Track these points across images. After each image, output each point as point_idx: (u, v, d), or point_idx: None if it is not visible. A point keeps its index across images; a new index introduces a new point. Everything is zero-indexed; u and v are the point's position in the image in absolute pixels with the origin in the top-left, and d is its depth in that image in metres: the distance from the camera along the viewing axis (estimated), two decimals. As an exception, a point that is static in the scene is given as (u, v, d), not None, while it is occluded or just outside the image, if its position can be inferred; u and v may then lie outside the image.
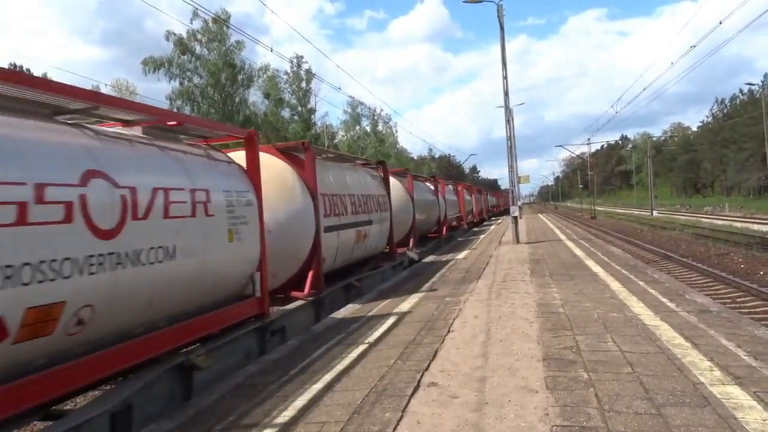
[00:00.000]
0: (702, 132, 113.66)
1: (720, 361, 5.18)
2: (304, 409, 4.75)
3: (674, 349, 5.64)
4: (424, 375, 5.42)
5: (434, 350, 6.31)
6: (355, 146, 64.11)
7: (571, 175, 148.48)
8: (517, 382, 5.02)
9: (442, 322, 7.84)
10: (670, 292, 8.88)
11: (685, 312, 7.36)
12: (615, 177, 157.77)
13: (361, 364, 6.01)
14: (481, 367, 5.55)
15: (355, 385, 5.27)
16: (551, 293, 9.51)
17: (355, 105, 64.93)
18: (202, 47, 44.63)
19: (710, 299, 9.20)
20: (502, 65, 21.54)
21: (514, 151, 25.44)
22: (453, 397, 4.76)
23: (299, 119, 54.96)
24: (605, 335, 6.40)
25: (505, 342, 6.45)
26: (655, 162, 79.68)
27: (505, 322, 7.48)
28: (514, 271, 13.03)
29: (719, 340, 5.92)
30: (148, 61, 42.98)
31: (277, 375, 5.85)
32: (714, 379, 4.72)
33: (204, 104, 45.03)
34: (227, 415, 4.79)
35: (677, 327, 6.55)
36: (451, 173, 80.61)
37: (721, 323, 6.69)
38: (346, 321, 8.60)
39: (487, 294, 9.94)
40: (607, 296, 8.87)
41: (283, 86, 54.00)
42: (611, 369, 5.15)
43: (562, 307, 8.19)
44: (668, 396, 4.39)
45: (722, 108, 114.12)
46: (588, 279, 10.90)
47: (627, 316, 7.35)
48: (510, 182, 24.37)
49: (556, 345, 6.13)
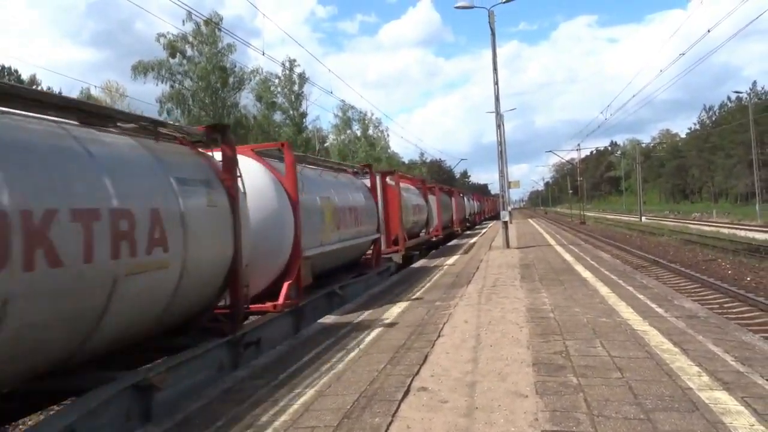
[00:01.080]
0: (690, 139, 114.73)
1: (708, 366, 5.22)
2: (294, 413, 4.72)
3: (663, 355, 5.67)
4: (414, 380, 5.41)
5: (424, 355, 6.30)
6: (345, 150, 64.10)
7: (561, 181, 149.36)
8: (507, 387, 5.02)
9: (432, 326, 7.83)
10: (659, 298, 8.94)
11: (673, 317, 7.41)
12: (604, 183, 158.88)
13: (351, 368, 5.99)
14: (471, 372, 5.55)
15: (345, 390, 5.25)
16: (541, 298, 9.54)
17: (345, 109, 65.01)
18: (193, 50, 44.53)
19: (698, 305, 9.26)
20: (493, 70, 21.65)
21: (505, 156, 25.55)
22: (443, 402, 4.75)
23: (290, 123, 54.89)
24: (594, 340, 6.42)
25: (495, 347, 6.46)
26: (643, 168, 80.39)
27: (495, 327, 7.49)
28: (504, 276, 13.05)
29: (707, 345, 5.96)
30: (138, 66, 42.81)
31: (267, 379, 5.82)
32: (702, 384, 4.75)
33: (195, 107, 44.88)
34: (216, 419, 4.75)
35: (666, 332, 6.58)
36: (442, 178, 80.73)
37: (709, 329, 6.74)
38: (335, 326, 8.57)
39: (478, 299, 9.95)
40: (597, 301, 8.91)
41: (275, 89, 53.96)
42: (600, 374, 5.17)
43: (552, 312, 8.21)
44: (657, 401, 4.41)
45: (710, 115, 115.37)
46: (577, 284, 10.94)
47: (616, 321, 7.38)
48: (500, 187, 24.45)
49: (545, 350, 6.14)
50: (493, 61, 21.62)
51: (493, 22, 21.31)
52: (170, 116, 42.49)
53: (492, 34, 21.50)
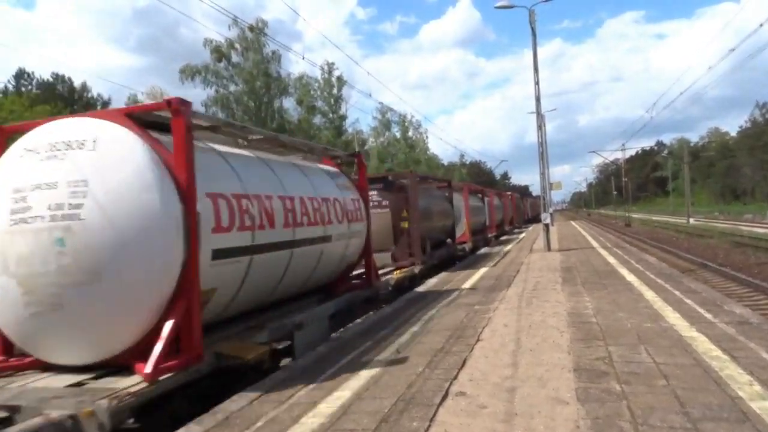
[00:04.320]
0: (742, 137, 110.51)
1: (760, 375, 5.00)
2: (332, 416, 4.75)
3: (711, 362, 5.47)
4: (453, 384, 5.37)
5: (463, 359, 6.25)
6: (385, 152, 64.22)
7: (605, 182, 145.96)
8: (547, 393, 4.93)
9: (471, 330, 7.76)
10: (708, 302, 8.63)
11: (723, 323, 7.14)
12: (650, 183, 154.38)
13: (388, 372, 5.99)
14: (510, 377, 5.48)
15: (382, 393, 5.25)
16: (583, 302, 9.34)
17: (384, 111, 65.14)
18: (239, 55, 45.48)
19: (750, 310, 8.88)
20: (534, 70, 21.36)
21: (546, 157, 25.17)
22: (482, 407, 4.70)
23: (330, 126, 55.36)
24: (639, 346, 6.25)
25: (535, 351, 6.35)
26: (692, 168, 77.83)
27: (535, 331, 7.37)
28: (545, 279, 12.84)
29: (759, 353, 5.72)
30: (185, 69, 44.06)
31: (305, 381, 5.87)
32: (754, 393, 4.56)
33: (238, 111, 45.82)
34: (256, 420, 4.82)
35: (714, 339, 6.35)
36: (482, 179, 79.90)
37: (761, 335, 6.46)
38: (373, 329, 8.59)
39: (518, 302, 9.82)
40: (641, 306, 8.67)
41: (315, 93, 54.53)
42: (645, 381, 5.02)
43: (594, 317, 8.03)
44: (705, 410, 4.25)
45: (763, 112, 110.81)
46: (621, 288, 10.67)
47: (662, 326, 7.16)
48: (541, 188, 24.08)
49: (587, 355, 6.01)
50: (534, 61, 21.36)
51: (534, 21, 21.04)
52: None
53: (533, 33, 21.23)
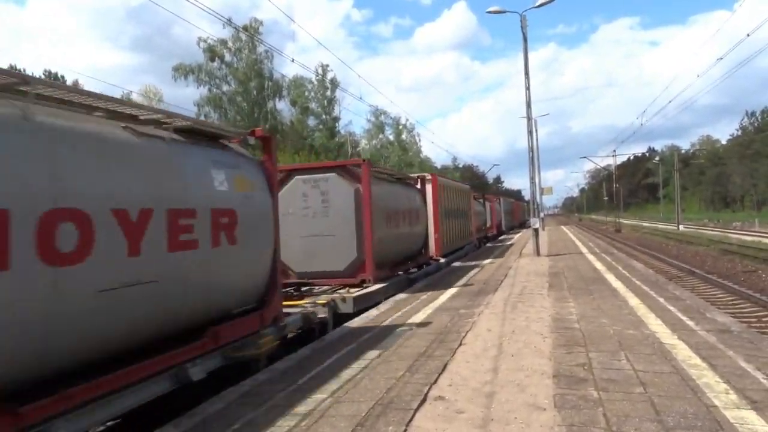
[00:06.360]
0: (732, 145, 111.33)
1: (737, 383, 5.03)
2: (309, 419, 4.73)
3: (690, 370, 5.49)
4: (432, 388, 5.37)
5: (444, 363, 6.25)
6: (378, 155, 64.24)
7: (597, 187, 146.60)
8: (525, 398, 4.94)
9: (455, 334, 7.76)
10: (691, 310, 8.67)
11: (704, 331, 7.18)
12: (641, 190, 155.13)
13: (369, 375, 5.98)
14: (490, 382, 5.48)
15: (361, 397, 5.24)
16: (568, 308, 9.36)
17: (378, 114, 65.19)
18: (232, 55, 45.36)
19: (732, 318, 8.95)
20: (525, 75, 21.43)
21: (537, 162, 25.27)
22: (459, 413, 4.70)
23: (323, 127, 55.34)
24: (619, 353, 6.27)
25: (517, 357, 6.36)
26: (682, 175, 78.33)
27: (518, 337, 7.38)
28: (532, 284, 12.87)
29: (738, 361, 5.75)
30: (179, 68, 43.91)
31: (285, 384, 5.85)
32: (729, 402, 4.58)
33: (231, 111, 45.69)
34: (232, 423, 4.79)
35: (695, 346, 6.38)
36: (474, 183, 79.90)
37: (741, 344, 6.50)
38: (359, 330, 8.57)
39: (503, 307, 9.83)
40: (625, 312, 8.70)
41: (308, 94, 54.50)
42: (622, 388, 5.03)
43: (578, 323, 8.05)
44: (679, 418, 4.26)
45: (753, 121, 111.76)
46: (607, 294, 10.71)
47: (644, 333, 7.19)
48: (531, 193, 24.17)
49: (568, 361, 6.02)
50: (525, 66, 21.42)
51: (525, 27, 21.12)
52: (207, 119, 43.27)
53: (524, 39, 21.31)
